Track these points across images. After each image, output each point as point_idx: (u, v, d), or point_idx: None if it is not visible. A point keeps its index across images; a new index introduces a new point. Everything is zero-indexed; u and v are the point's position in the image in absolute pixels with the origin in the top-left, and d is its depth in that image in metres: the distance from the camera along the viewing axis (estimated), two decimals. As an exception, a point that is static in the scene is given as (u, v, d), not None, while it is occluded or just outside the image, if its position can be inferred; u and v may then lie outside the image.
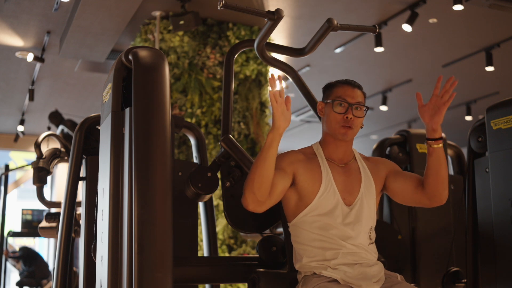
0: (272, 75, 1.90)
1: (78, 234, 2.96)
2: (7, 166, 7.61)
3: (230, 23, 5.80)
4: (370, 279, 1.96)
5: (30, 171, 6.61)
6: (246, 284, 2.08)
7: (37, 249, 10.01)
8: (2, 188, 7.61)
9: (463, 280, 2.67)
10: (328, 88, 2.12)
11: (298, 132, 10.68)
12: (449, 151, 3.23)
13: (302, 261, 2.00)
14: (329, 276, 1.93)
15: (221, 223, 5.26)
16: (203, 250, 2.93)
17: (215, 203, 5.15)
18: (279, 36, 6.15)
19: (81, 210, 2.63)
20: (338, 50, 6.57)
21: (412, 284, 1.99)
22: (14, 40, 6.07)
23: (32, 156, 10.67)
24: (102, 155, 2.03)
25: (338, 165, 2.08)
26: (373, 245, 2.08)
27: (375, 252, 2.08)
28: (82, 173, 2.67)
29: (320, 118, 2.33)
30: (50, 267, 8.19)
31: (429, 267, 2.93)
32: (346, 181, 2.06)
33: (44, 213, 4.09)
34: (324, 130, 2.13)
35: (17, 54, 6.43)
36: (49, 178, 3.49)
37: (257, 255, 2.24)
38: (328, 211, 2.00)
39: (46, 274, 7.88)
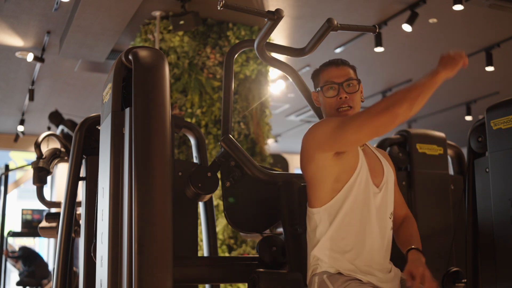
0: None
1: (78, 234, 2.96)
2: (7, 166, 7.61)
3: (230, 23, 5.80)
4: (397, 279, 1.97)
5: (30, 171, 6.61)
6: (246, 284, 2.08)
7: (37, 249, 10.01)
8: (2, 188, 7.60)
9: (463, 280, 2.67)
10: (315, 76, 2.09)
11: (298, 132, 10.68)
12: (449, 151, 3.23)
13: (325, 258, 1.93)
14: (360, 279, 1.88)
15: (221, 223, 5.26)
16: (203, 250, 2.93)
17: (215, 203, 5.15)
18: (279, 36, 6.15)
19: (81, 210, 2.63)
20: (338, 50, 6.57)
21: None
22: (14, 40, 6.07)
23: (32, 156, 10.67)
24: (102, 155, 2.03)
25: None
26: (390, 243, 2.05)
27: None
28: (82, 173, 2.67)
29: (318, 115, 2.33)
30: (50, 267, 8.19)
31: (429, 267, 2.93)
32: (370, 164, 2.00)
33: (44, 213, 4.09)
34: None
35: (17, 54, 6.43)
36: (49, 178, 3.49)
37: (257, 255, 2.24)
38: (363, 189, 1.93)
39: (46, 274, 7.88)
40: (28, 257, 7.91)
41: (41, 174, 3.33)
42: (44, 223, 3.41)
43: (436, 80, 1.74)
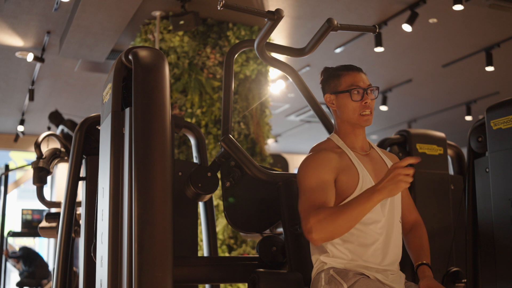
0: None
1: (78, 234, 2.96)
2: (7, 166, 7.60)
3: (230, 23, 5.80)
4: (402, 281, 1.98)
5: (30, 171, 6.61)
6: (246, 284, 2.08)
7: (37, 249, 10.01)
8: (2, 188, 7.60)
9: (463, 280, 2.67)
10: (334, 78, 2.06)
11: (298, 132, 10.68)
12: (449, 151, 3.23)
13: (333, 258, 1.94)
14: (368, 275, 1.89)
15: (221, 223, 5.26)
16: (203, 250, 2.93)
17: (215, 203, 5.15)
18: (279, 36, 6.15)
19: (81, 210, 2.63)
20: (338, 50, 6.57)
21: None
22: (14, 40, 6.07)
23: (32, 156, 10.67)
24: (102, 155, 2.03)
25: (361, 154, 2.04)
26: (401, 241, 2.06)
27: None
28: (82, 173, 2.67)
29: (318, 115, 2.31)
30: (50, 267, 8.19)
31: (429, 267, 2.93)
32: (376, 170, 2.01)
33: (44, 213, 4.09)
34: (340, 122, 2.07)
35: (17, 54, 6.43)
36: (49, 178, 3.49)
37: (257, 255, 2.24)
38: None
39: (46, 274, 7.88)
40: (29, 257, 7.91)
41: (41, 174, 3.33)
42: (44, 223, 3.41)
43: (371, 203, 1.78)
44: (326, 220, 1.80)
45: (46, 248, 10.94)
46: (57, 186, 10.69)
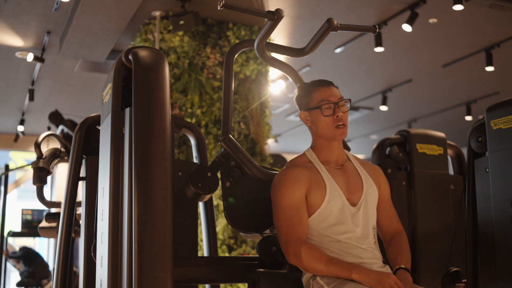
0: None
1: (78, 234, 2.96)
2: (7, 166, 7.60)
3: (230, 23, 5.80)
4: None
5: (30, 171, 6.61)
6: (246, 284, 2.09)
7: (37, 249, 10.01)
8: (2, 188, 7.60)
9: (463, 280, 2.67)
10: (305, 95, 2.13)
11: (298, 132, 10.69)
12: (449, 151, 3.23)
13: None
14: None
15: (221, 223, 5.26)
16: (203, 250, 2.93)
17: (215, 203, 5.15)
18: (279, 36, 6.15)
19: (81, 210, 2.63)
20: (338, 50, 6.57)
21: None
22: (14, 40, 6.07)
23: (32, 156, 10.67)
24: (102, 155, 2.03)
25: (335, 168, 2.10)
26: (377, 244, 2.09)
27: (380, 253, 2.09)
28: (82, 173, 2.67)
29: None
30: (50, 267, 8.19)
31: (429, 267, 2.93)
32: (348, 182, 2.07)
33: (44, 213, 4.08)
34: (315, 137, 2.13)
35: (17, 54, 6.43)
36: (49, 178, 3.49)
37: (257, 255, 2.24)
38: (336, 215, 2.01)
39: (46, 274, 7.88)
40: (29, 257, 7.91)
41: (41, 174, 3.33)
42: (44, 223, 3.41)
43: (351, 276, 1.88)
44: (318, 261, 1.92)
45: (46, 248, 10.94)
46: (57, 186, 10.69)
